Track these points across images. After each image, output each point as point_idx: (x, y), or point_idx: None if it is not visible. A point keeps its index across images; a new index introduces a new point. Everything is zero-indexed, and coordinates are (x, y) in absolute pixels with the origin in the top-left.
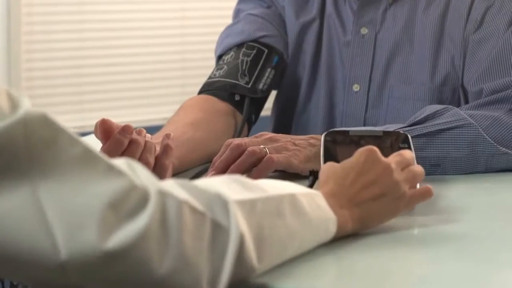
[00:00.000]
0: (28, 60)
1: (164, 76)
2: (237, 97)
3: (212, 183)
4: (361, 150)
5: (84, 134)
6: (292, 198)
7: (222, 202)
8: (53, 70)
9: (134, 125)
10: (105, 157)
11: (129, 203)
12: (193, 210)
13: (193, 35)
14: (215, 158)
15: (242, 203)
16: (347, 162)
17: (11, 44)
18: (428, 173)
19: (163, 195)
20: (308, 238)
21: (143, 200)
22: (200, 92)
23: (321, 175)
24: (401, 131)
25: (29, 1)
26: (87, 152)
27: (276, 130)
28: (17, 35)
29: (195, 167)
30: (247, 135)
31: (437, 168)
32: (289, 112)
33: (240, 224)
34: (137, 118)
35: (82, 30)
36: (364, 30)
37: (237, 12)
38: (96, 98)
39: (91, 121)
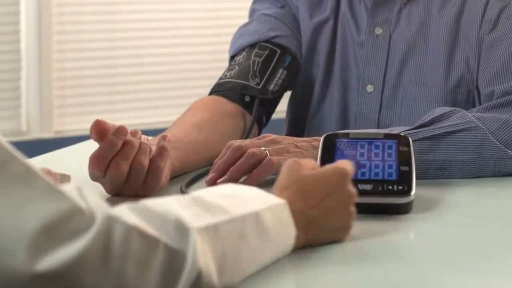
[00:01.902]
0: (59, 60)
1: (197, 77)
2: (247, 98)
3: (171, 206)
4: (333, 171)
5: None
6: (256, 218)
7: (182, 229)
8: (84, 70)
9: (166, 126)
10: (47, 178)
11: (69, 226)
12: (143, 235)
13: (228, 35)
14: (216, 159)
15: (205, 230)
16: (316, 179)
17: (42, 44)
18: (434, 177)
19: (110, 220)
20: (269, 257)
21: (87, 224)
22: (211, 93)
23: (285, 170)
24: (402, 134)
25: (60, 1)
26: (27, 171)
27: (290, 130)
28: (48, 35)
29: (199, 169)
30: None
31: (443, 172)
32: (303, 113)
33: (199, 253)
34: (168, 118)
35: (113, 30)
36: (378, 30)
37: (252, 12)
38: (127, 98)
39: (123, 121)
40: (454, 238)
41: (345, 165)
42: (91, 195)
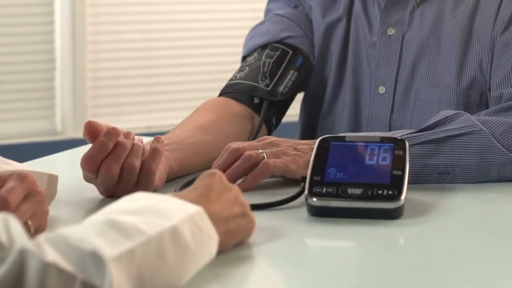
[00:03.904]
0: (93, 61)
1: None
2: (256, 100)
3: (87, 235)
4: (203, 174)
5: (150, 134)
6: (173, 232)
7: (97, 261)
8: (118, 71)
9: None
10: None
11: None
12: (60, 272)
13: None
14: (214, 162)
15: (120, 258)
16: (197, 184)
17: (76, 45)
18: (437, 181)
19: (25, 255)
20: (192, 268)
21: (3, 257)
22: (220, 94)
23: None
24: (403, 137)
25: (94, 2)
26: None
27: (303, 132)
28: (82, 36)
29: (199, 171)
30: None
31: (446, 176)
32: (315, 114)
33: (115, 284)
34: None
35: (148, 31)
36: (391, 31)
37: (266, 12)
38: (162, 99)
39: (158, 121)
40: (441, 245)
41: (213, 170)
42: (16, 227)
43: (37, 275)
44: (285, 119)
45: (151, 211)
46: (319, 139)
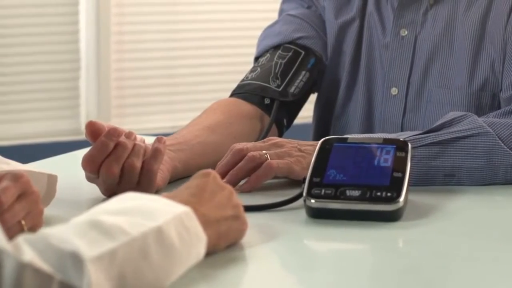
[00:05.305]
0: (117, 60)
1: None
2: (266, 101)
3: (68, 235)
4: (196, 174)
5: None
6: (158, 233)
7: (76, 262)
8: (142, 71)
9: None
10: None
11: None
12: (37, 272)
13: None
14: (219, 162)
15: (100, 259)
16: (190, 184)
17: (101, 45)
18: (443, 183)
19: (2, 255)
20: (178, 269)
21: None
22: (231, 95)
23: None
24: (408, 139)
25: (119, 2)
26: None
27: (316, 133)
28: (107, 36)
29: None
30: None
31: (452, 178)
32: (328, 115)
33: (93, 284)
34: None
35: (172, 31)
36: (403, 32)
37: (280, 12)
38: (187, 99)
39: (183, 121)
40: (441, 247)
41: (208, 170)
42: None
43: (13, 275)
44: (298, 120)
45: (137, 212)
46: (321, 140)
